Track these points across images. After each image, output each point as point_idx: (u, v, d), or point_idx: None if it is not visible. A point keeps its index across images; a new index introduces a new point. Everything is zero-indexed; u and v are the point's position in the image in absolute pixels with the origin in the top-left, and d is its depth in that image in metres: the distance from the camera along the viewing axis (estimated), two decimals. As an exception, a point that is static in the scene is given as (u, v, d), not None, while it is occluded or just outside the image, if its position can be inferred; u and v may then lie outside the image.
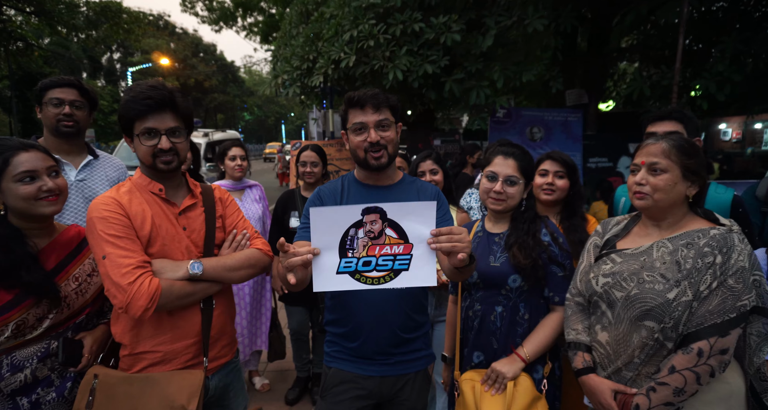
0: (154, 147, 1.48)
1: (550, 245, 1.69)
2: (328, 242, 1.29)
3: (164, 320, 1.49)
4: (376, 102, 1.54)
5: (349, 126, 1.59)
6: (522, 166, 1.71)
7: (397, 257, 1.29)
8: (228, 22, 21.50)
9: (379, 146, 1.55)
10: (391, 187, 1.68)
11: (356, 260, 1.29)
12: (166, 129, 1.48)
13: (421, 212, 1.28)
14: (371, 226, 1.28)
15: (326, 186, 1.73)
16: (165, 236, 1.50)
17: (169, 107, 1.48)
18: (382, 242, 1.29)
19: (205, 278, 1.51)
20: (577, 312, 1.56)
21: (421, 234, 1.28)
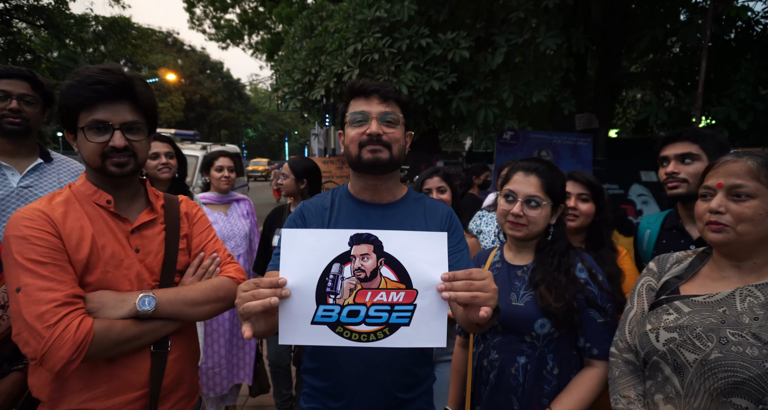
0: (104, 145, 1.18)
1: (587, 284, 1.37)
2: (301, 280, 0.97)
3: (99, 369, 1.17)
4: (384, 92, 1.26)
5: (348, 118, 1.29)
6: (547, 184, 1.42)
7: (395, 307, 0.97)
8: (235, 39, 21.73)
9: (379, 142, 1.25)
10: (393, 205, 1.36)
11: (339, 309, 0.97)
12: (122, 123, 1.19)
13: (429, 246, 0.98)
14: (362, 262, 0.98)
15: (313, 201, 1.41)
16: (109, 260, 1.19)
17: (127, 96, 1.20)
18: (375, 285, 0.98)
19: (158, 316, 1.20)
20: (627, 373, 1.23)
21: (429, 278, 0.97)
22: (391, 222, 1.31)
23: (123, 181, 1.27)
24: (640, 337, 1.17)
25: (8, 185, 1.74)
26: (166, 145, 2.54)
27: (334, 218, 1.34)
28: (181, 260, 1.35)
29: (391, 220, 1.32)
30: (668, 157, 1.67)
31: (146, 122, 1.26)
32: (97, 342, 1.08)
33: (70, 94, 1.15)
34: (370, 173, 1.29)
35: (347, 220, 1.32)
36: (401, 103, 1.31)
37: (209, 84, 44.44)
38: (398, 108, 1.30)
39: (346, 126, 1.31)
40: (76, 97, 1.15)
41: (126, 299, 1.17)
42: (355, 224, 1.30)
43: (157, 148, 2.49)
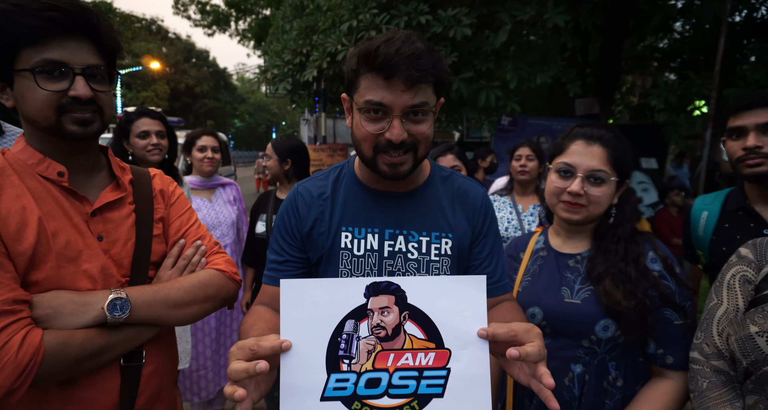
0: (62, 95, 0.90)
1: (662, 278, 1.12)
2: (307, 343, 0.78)
3: (51, 394, 0.91)
4: (414, 74, 0.87)
5: (359, 103, 0.94)
6: (614, 156, 1.16)
7: (424, 373, 0.78)
8: (221, 25, 21.06)
9: (404, 147, 0.94)
10: (413, 194, 1.07)
11: (355, 378, 0.77)
12: (85, 67, 0.91)
13: (463, 294, 0.79)
14: (381, 317, 0.79)
15: (309, 186, 1.12)
16: (63, 252, 0.92)
17: (88, 33, 0.91)
18: (399, 346, 0.79)
19: (132, 322, 0.94)
20: (719, 385, 0.99)
21: (465, 334, 0.78)
22: (410, 216, 1.05)
23: (81, 146, 0.98)
24: (740, 341, 0.93)
25: None
26: (157, 122, 2.20)
27: (338, 213, 1.06)
28: (156, 249, 1.08)
29: (411, 213, 1.05)
30: (745, 127, 1.38)
31: (108, 67, 0.97)
32: (50, 362, 0.83)
33: (8, 23, 0.85)
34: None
35: (355, 215, 1.05)
36: (437, 81, 0.93)
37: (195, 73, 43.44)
38: (431, 89, 0.94)
39: (355, 107, 0.97)
40: (17, 28, 0.85)
41: (89, 302, 0.90)
42: (364, 220, 1.04)
43: (148, 125, 2.15)
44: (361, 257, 1.03)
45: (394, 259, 1.03)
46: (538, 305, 1.19)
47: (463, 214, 1.08)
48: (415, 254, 1.03)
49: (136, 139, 2.15)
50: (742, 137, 1.40)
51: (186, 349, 2.31)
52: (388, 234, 1.04)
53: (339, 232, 1.04)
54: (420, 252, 1.03)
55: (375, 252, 1.03)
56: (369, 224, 1.04)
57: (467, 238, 1.07)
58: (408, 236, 1.03)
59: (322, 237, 1.05)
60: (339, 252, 1.04)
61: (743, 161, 1.39)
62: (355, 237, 1.04)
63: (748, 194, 1.48)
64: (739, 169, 1.42)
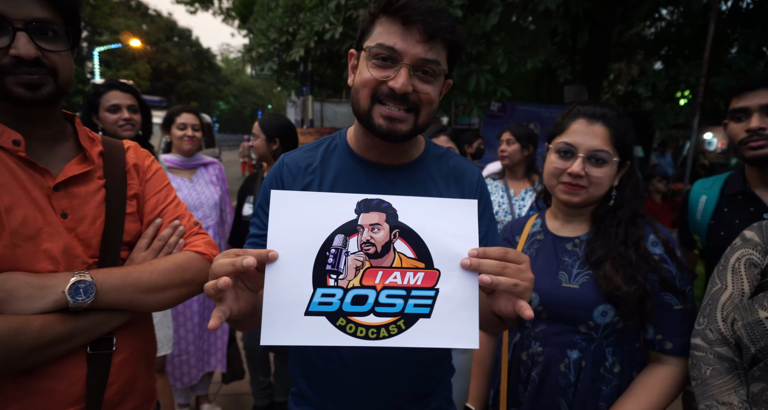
0: (3, 53, 0.80)
1: (663, 262, 1.08)
2: (295, 255, 0.75)
3: (7, 384, 0.83)
4: (433, 25, 0.84)
5: (369, 45, 0.88)
6: (616, 135, 1.11)
7: (411, 292, 0.76)
8: (204, 2, 20.34)
9: (407, 103, 0.88)
10: (407, 167, 1.02)
11: (342, 293, 0.75)
12: (27, 21, 0.81)
13: (455, 216, 0.78)
14: (371, 234, 0.77)
15: (295, 154, 1.05)
16: (19, 229, 0.83)
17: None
18: (387, 263, 0.76)
19: (99, 307, 0.87)
20: (723, 372, 0.96)
21: (455, 255, 0.76)
22: (405, 189, 1.00)
23: (37, 113, 0.89)
24: (748, 327, 0.90)
25: None
26: (129, 96, 2.07)
27: (327, 184, 0.99)
28: (129, 228, 1.00)
29: (406, 186, 1.00)
30: (749, 109, 1.35)
31: (65, 24, 0.87)
32: (2, 350, 0.75)
33: None
34: (382, 138, 0.94)
35: (346, 187, 0.99)
36: (452, 45, 0.89)
37: (177, 52, 42.11)
38: (445, 53, 0.90)
39: (363, 54, 0.90)
40: None
41: (48, 285, 0.83)
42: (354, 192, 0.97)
43: (118, 99, 2.03)
44: None
45: None
46: (534, 290, 1.15)
47: (458, 192, 1.04)
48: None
49: (106, 113, 2.01)
50: (746, 118, 1.36)
51: (168, 334, 2.23)
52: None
53: None
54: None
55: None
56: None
57: None
58: None
59: None
60: None
61: (746, 143, 1.36)
62: None
63: (749, 178, 1.45)
64: (741, 151, 1.39)
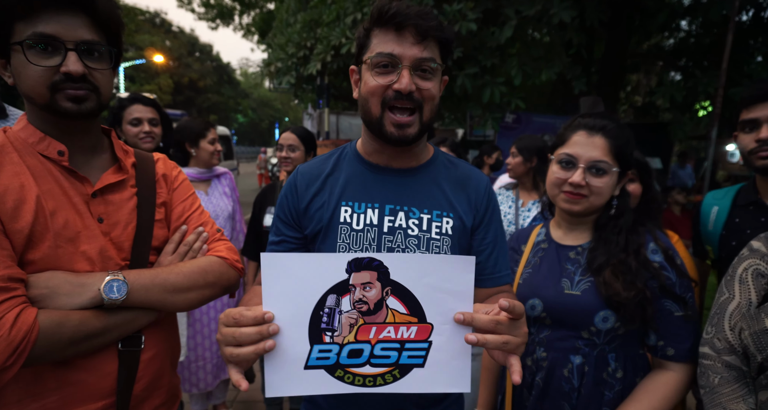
0: (54, 70, 0.89)
1: (663, 269, 1.12)
2: (290, 316, 0.78)
3: (47, 374, 0.90)
4: (424, 25, 0.91)
5: (368, 56, 0.96)
6: (616, 147, 1.15)
7: (405, 345, 0.80)
8: (225, 19, 21.01)
9: (411, 102, 0.94)
10: (414, 171, 1.07)
11: (338, 348, 0.79)
12: (78, 42, 0.89)
13: (449, 273, 0.79)
14: (363, 293, 0.79)
15: (309, 164, 1.13)
16: (61, 231, 0.91)
17: (82, 6, 0.89)
18: (381, 319, 0.79)
19: (130, 305, 0.94)
20: (731, 380, 0.98)
21: (447, 310, 0.79)
22: (411, 193, 1.04)
23: (80, 125, 0.98)
24: (755, 336, 0.92)
25: None
26: (150, 109, 2.19)
27: (339, 188, 1.05)
28: (157, 234, 1.08)
29: (412, 190, 1.05)
30: (758, 120, 1.37)
31: (109, 44, 0.96)
32: (44, 341, 0.82)
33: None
34: (392, 144, 1.01)
35: (356, 190, 1.05)
36: (443, 41, 0.97)
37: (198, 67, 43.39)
38: (438, 50, 0.97)
39: (364, 67, 0.98)
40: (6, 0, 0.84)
41: (86, 283, 0.90)
42: (364, 195, 1.04)
43: (140, 113, 2.14)
44: (360, 231, 1.02)
45: (394, 235, 1.02)
46: (538, 297, 1.19)
47: (465, 198, 1.07)
48: (415, 231, 1.02)
49: (128, 126, 2.12)
50: (755, 129, 1.39)
51: (182, 342, 2.30)
52: (388, 210, 1.02)
53: (339, 206, 1.03)
54: (420, 229, 1.02)
55: (374, 227, 1.02)
56: (369, 199, 1.03)
57: (469, 221, 1.06)
58: (409, 212, 1.03)
59: (321, 211, 1.04)
60: (338, 226, 1.02)
61: (756, 153, 1.39)
62: (355, 212, 1.03)
63: (760, 189, 1.47)
64: (751, 161, 1.41)
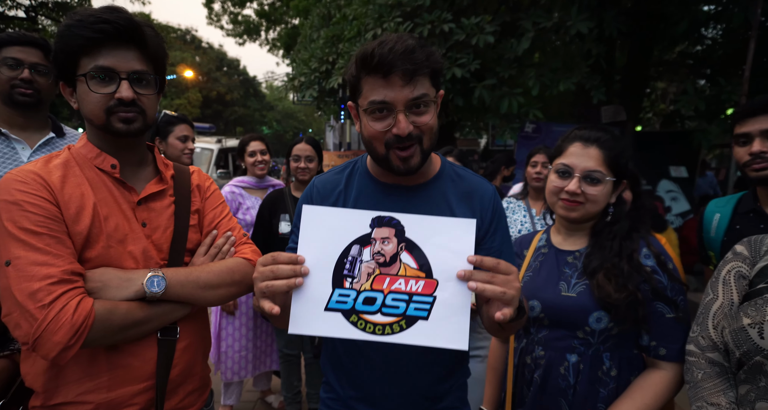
0: (110, 96, 1.04)
1: (654, 273, 1.18)
2: (319, 260, 0.91)
3: (100, 357, 1.04)
4: (410, 67, 0.95)
5: (363, 105, 1.02)
6: (610, 157, 1.23)
7: (413, 298, 0.90)
8: (252, 35, 21.75)
9: (412, 139, 1.01)
10: (422, 187, 1.14)
11: (355, 294, 0.91)
12: (129, 72, 1.05)
13: (455, 234, 0.90)
14: (382, 246, 0.92)
15: (325, 177, 1.23)
16: (113, 234, 1.06)
17: (134, 42, 1.05)
18: (394, 271, 0.91)
19: (167, 299, 1.07)
20: (713, 375, 1.04)
21: (452, 268, 0.89)
22: (418, 204, 1.12)
23: (129, 142, 1.13)
24: (734, 333, 0.99)
25: (18, 159, 1.63)
26: (191, 130, 2.56)
27: (351, 203, 1.14)
28: (191, 237, 1.22)
29: (419, 202, 1.12)
30: (750, 134, 1.44)
31: (155, 74, 1.11)
32: (99, 326, 0.96)
33: (69, 35, 1.01)
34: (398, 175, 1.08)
35: (367, 205, 1.13)
36: (432, 72, 1.00)
37: (226, 81, 44.79)
38: (429, 81, 1.01)
39: (361, 111, 1.04)
40: (76, 39, 1.00)
41: (132, 278, 1.04)
42: (375, 207, 1.10)
43: (188, 131, 2.48)
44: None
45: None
46: (537, 299, 1.27)
47: (470, 210, 1.13)
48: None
49: (176, 140, 2.42)
50: (748, 143, 1.45)
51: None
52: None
53: None
54: None
55: None
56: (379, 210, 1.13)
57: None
58: None
59: None
60: None
61: (749, 166, 1.45)
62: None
63: (760, 197, 1.52)
64: (746, 173, 1.47)
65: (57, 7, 17.34)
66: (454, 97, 4.94)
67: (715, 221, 1.63)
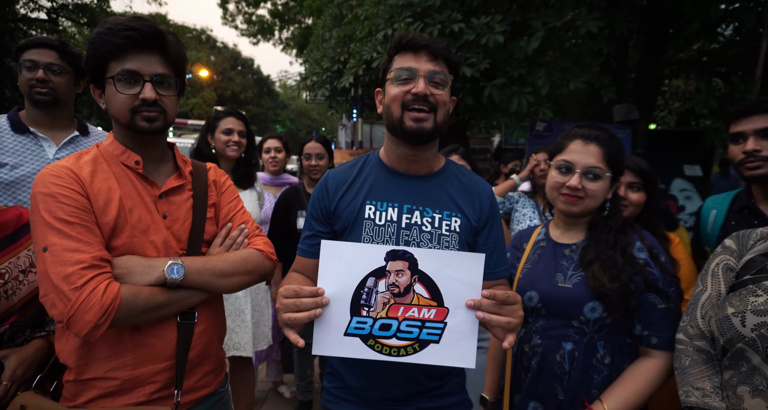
0: (135, 97, 1.14)
1: (647, 265, 1.23)
2: (338, 291, 1.02)
3: (125, 337, 1.13)
4: (435, 48, 1.15)
5: (391, 74, 1.18)
6: (609, 154, 1.28)
7: (425, 324, 1.01)
8: (265, 35, 21.98)
9: (426, 103, 1.14)
10: (429, 178, 1.26)
11: (372, 321, 1.02)
12: (152, 75, 1.14)
13: (464, 267, 1.01)
14: (396, 278, 1.02)
15: (338, 170, 1.33)
16: (136, 224, 1.15)
17: (157, 47, 1.15)
18: (408, 301, 1.01)
19: (186, 285, 1.16)
20: (700, 362, 1.09)
21: (461, 297, 1.00)
22: (425, 196, 1.23)
23: (151, 140, 1.22)
24: (719, 322, 1.04)
25: (44, 156, 1.74)
26: (240, 123, 2.51)
27: (365, 190, 1.25)
28: (208, 229, 1.30)
29: (426, 193, 1.23)
30: (744, 133, 1.48)
31: (176, 77, 1.20)
32: (124, 307, 1.04)
33: (100, 42, 1.11)
34: (410, 143, 1.20)
35: (379, 191, 1.24)
36: (451, 63, 1.19)
37: (240, 80, 45.27)
38: (447, 68, 1.19)
39: (387, 83, 1.20)
40: (105, 45, 1.10)
41: (154, 265, 1.12)
42: (386, 196, 1.23)
43: (232, 124, 2.46)
44: (381, 226, 1.20)
45: (410, 230, 1.19)
46: (535, 290, 1.33)
47: (470, 203, 1.25)
48: (428, 227, 1.19)
49: (221, 134, 2.43)
50: (743, 141, 1.48)
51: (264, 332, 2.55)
52: (406, 209, 1.20)
53: (364, 205, 1.22)
54: (433, 226, 1.19)
55: (394, 223, 1.20)
56: (390, 199, 1.21)
57: (474, 220, 1.23)
58: (423, 211, 1.20)
59: (349, 209, 1.23)
60: (363, 221, 1.21)
61: (743, 164, 1.48)
62: (378, 210, 1.21)
63: (754, 194, 1.55)
64: (740, 171, 1.51)
65: (77, 9, 17.75)
66: (464, 96, 4.98)
67: (712, 217, 1.67)
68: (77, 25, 19.21)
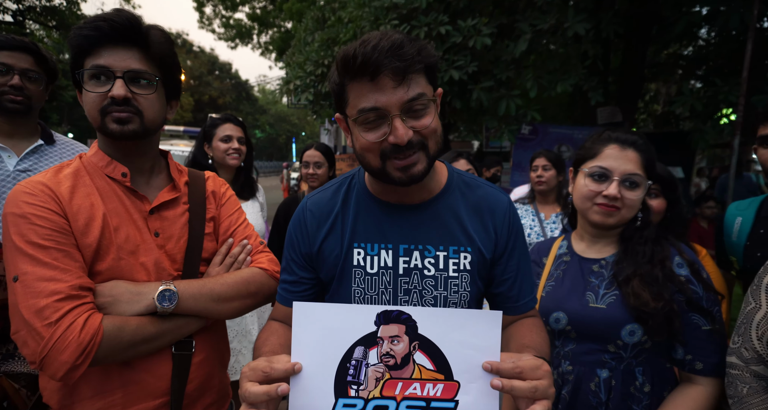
0: (104, 96, 0.97)
1: (689, 282, 1.12)
2: (317, 366, 0.78)
3: (113, 373, 0.98)
4: (400, 64, 0.80)
5: (352, 115, 0.87)
6: (647, 160, 1.17)
7: (431, 404, 0.77)
8: (244, 39, 21.67)
9: (411, 149, 0.86)
10: (428, 205, 0.99)
11: (362, 404, 0.77)
12: (126, 71, 0.98)
13: (477, 328, 0.77)
14: (391, 346, 0.78)
15: (318, 198, 1.06)
16: (123, 245, 0.99)
17: (135, 42, 0.99)
18: (407, 375, 0.78)
19: (180, 312, 1.00)
20: (761, 390, 0.98)
21: (475, 367, 0.76)
22: (426, 230, 0.98)
23: (138, 148, 1.06)
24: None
25: (4, 168, 1.54)
26: (239, 129, 2.30)
27: (349, 229, 1.00)
28: (207, 246, 1.14)
29: (427, 227, 0.98)
30: None
31: (161, 77, 1.04)
32: (107, 343, 0.89)
33: (72, 36, 0.97)
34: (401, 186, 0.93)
35: (367, 230, 0.99)
36: (427, 68, 0.86)
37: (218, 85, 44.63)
38: (424, 79, 0.87)
39: (351, 122, 0.90)
40: (76, 38, 0.96)
41: (142, 292, 0.97)
42: (377, 236, 0.99)
43: (231, 130, 2.26)
44: (374, 275, 0.98)
45: (410, 276, 0.97)
46: (562, 310, 1.20)
47: (484, 226, 1.00)
48: (432, 271, 0.97)
49: (219, 142, 2.23)
50: None
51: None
52: (402, 250, 0.97)
53: (351, 249, 0.99)
54: (437, 268, 0.97)
55: (389, 269, 0.97)
56: (382, 240, 0.98)
57: (489, 251, 0.99)
58: (424, 251, 0.97)
59: (334, 255, 1.00)
60: (351, 270, 0.98)
61: None
62: (368, 254, 0.98)
63: None
64: None
65: (45, 12, 17.13)
66: (452, 100, 4.89)
67: (737, 225, 1.58)
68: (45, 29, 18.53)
